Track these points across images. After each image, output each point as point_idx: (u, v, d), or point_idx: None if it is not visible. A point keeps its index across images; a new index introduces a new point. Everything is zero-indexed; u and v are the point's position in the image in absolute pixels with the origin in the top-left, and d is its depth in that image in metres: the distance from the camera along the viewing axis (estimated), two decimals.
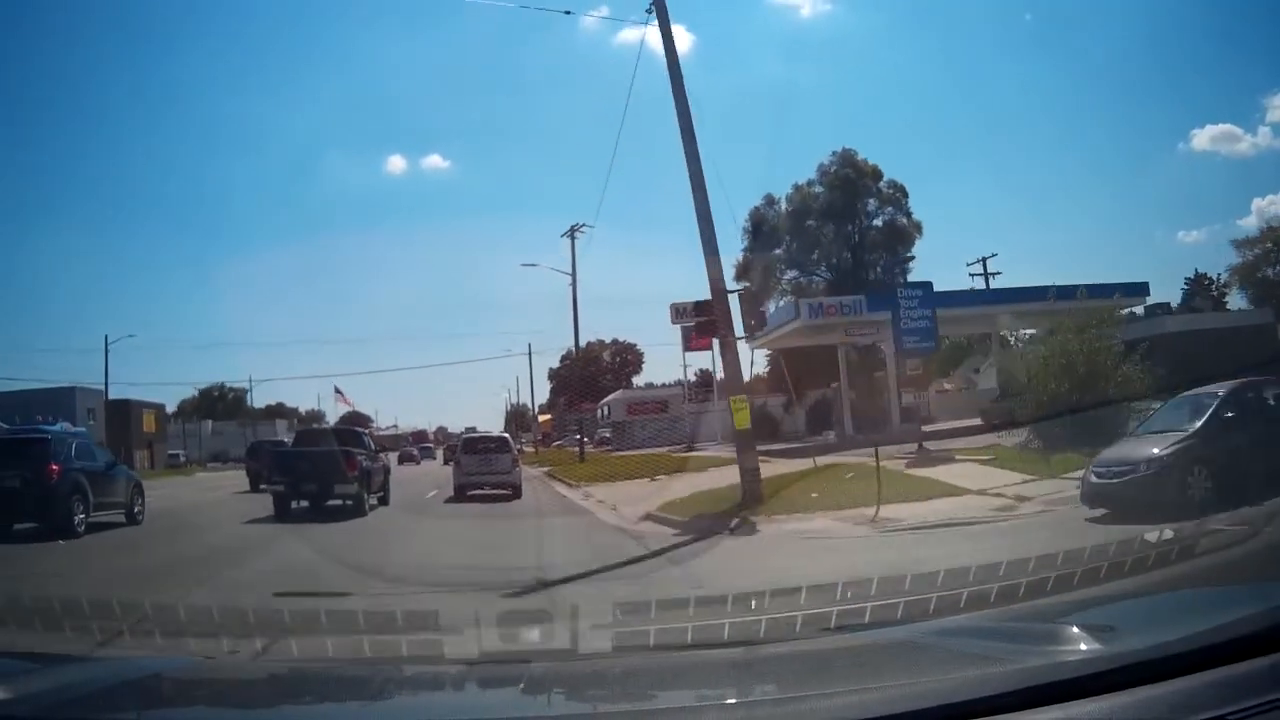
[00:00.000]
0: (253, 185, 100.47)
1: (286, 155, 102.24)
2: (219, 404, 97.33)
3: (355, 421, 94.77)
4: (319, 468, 17.46)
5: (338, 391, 77.19)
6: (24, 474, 14.49)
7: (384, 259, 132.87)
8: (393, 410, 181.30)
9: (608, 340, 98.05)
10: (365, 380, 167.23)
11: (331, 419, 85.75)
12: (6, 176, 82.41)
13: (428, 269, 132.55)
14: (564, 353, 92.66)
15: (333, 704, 2.66)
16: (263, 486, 21.14)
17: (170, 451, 72.83)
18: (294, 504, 17.53)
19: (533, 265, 47.61)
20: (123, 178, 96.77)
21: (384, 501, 19.40)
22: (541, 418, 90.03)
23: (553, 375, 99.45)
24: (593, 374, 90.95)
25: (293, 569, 10.20)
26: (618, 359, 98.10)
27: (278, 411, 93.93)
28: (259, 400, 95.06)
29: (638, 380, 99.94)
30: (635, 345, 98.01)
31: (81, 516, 14.80)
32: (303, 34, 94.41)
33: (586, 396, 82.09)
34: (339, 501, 17.42)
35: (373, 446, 21.21)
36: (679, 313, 44.71)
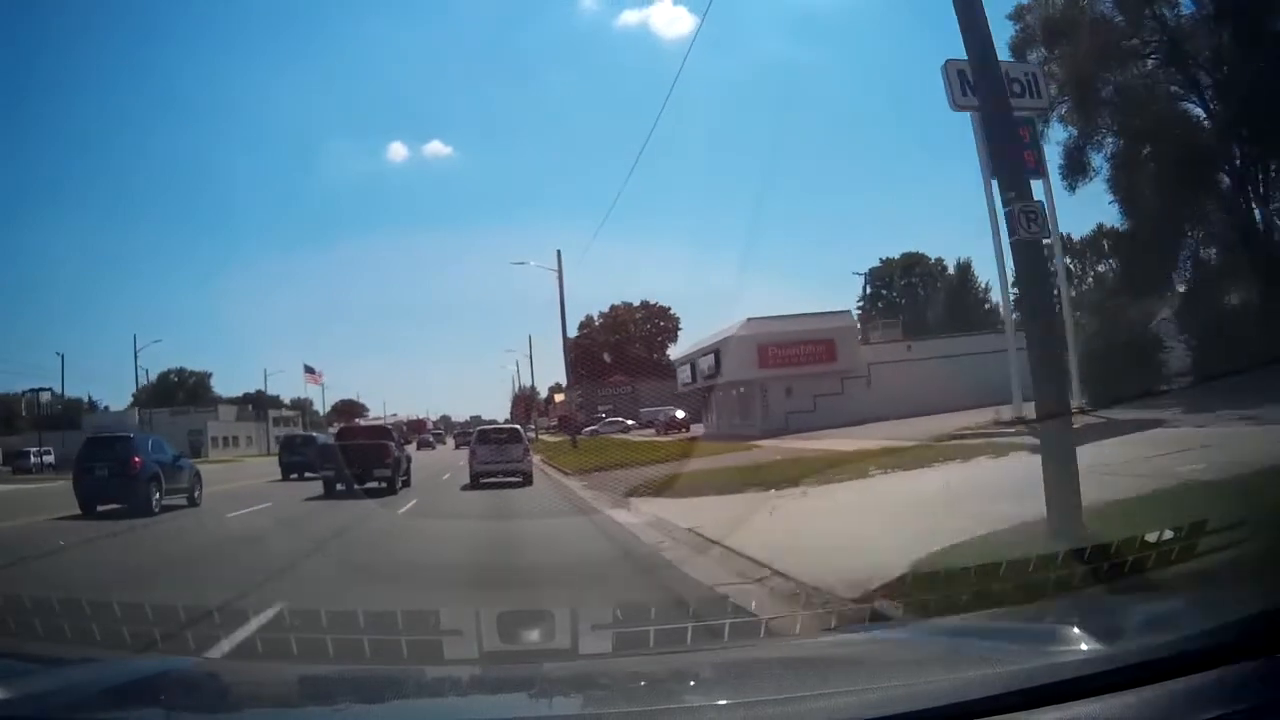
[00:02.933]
0: (241, 165, 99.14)
1: (285, 140, 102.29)
2: (178, 390, 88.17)
3: (349, 410, 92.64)
4: (361, 457, 21.59)
5: (308, 370, 70.88)
6: (111, 465, 17.98)
7: (383, 247, 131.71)
8: (388, 398, 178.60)
9: (636, 303, 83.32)
10: (361, 369, 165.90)
11: (302, 400, 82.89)
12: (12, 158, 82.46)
13: (426, 253, 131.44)
14: (581, 319, 79.31)
15: (332, 705, 2.66)
16: (310, 474, 25.41)
17: (25, 448, 56.99)
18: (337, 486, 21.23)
19: None
20: (117, 162, 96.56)
21: (406, 484, 23.08)
22: (557, 398, 76.79)
23: (568, 347, 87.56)
24: (619, 343, 77.34)
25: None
26: (649, 325, 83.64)
27: (256, 400, 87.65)
28: (235, 388, 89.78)
29: (673, 351, 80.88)
30: (670, 309, 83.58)
31: (157, 497, 18.03)
32: (299, 15, 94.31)
33: (617, 367, 64.78)
34: (374, 484, 21.20)
35: (398, 439, 24.96)
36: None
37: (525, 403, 79.55)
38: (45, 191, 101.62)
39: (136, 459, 18.15)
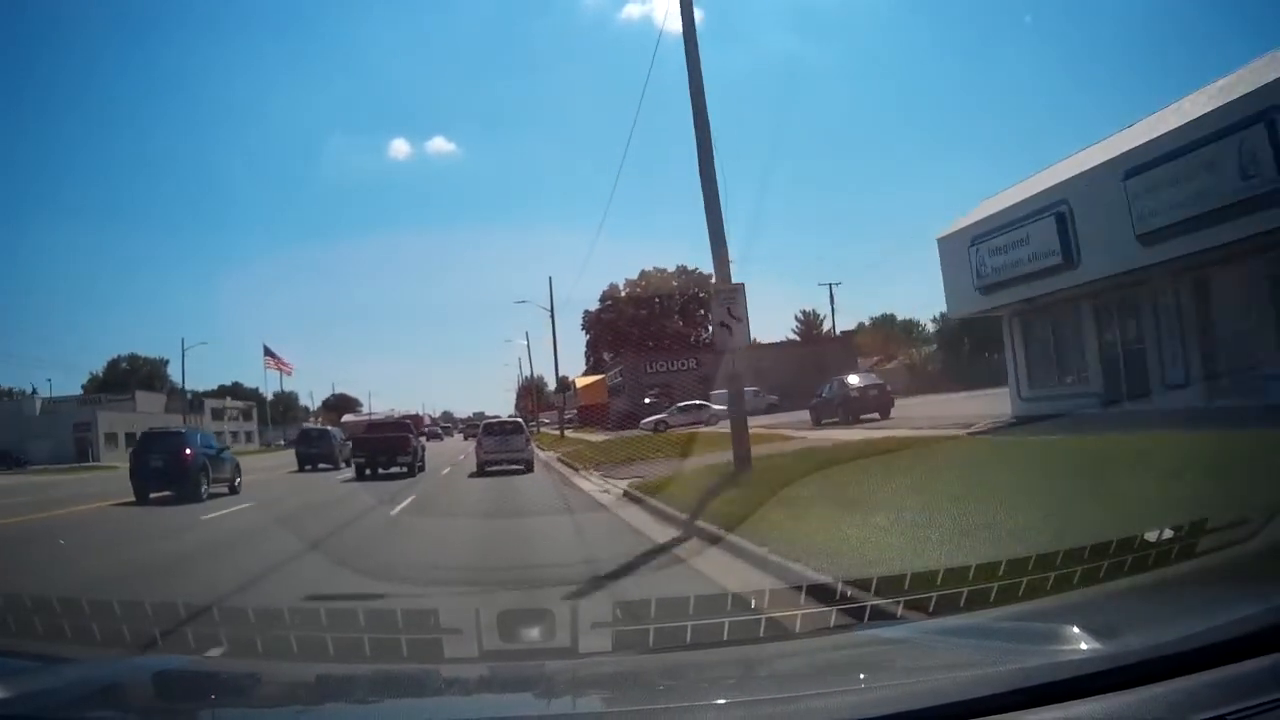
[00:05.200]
0: (237, 155, 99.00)
1: (285, 133, 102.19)
2: (130, 379, 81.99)
3: (343, 405, 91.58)
4: (386, 446, 26.34)
5: (268, 354, 64.29)
6: (166, 457, 19.95)
7: (384, 244, 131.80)
8: (389, 393, 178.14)
9: (670, 269, 70.41)
10: (359, 364, 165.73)
11: (273, 387, 79.32)
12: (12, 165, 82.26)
13: (428, 250, 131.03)
14: (603, 290, 69.36)
15: (332, 704, 2.66)
16: (323, 465, 31.85)
17: None
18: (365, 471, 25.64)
19: None
20: (114, 159, 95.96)
21: (422, 469, 27.18)
22: (579, 383, 66.09)
23: (588, 323, 72.99)
24: (652, 317, 67.06)
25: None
26: (685, 297, 69.87)
27: (231, 391, 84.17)
28: (214, 380, 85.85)
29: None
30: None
31: (205, 487, 19.94)
32: (301, 7, 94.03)
33: (652, 344, 54.74)
34: (397, 469, 25.61)
35: (416, 431, 29.36)
36: None
37: (532, 396, 73.01)
38: (45, 194, 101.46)
39: (188, 451, 20.16)
